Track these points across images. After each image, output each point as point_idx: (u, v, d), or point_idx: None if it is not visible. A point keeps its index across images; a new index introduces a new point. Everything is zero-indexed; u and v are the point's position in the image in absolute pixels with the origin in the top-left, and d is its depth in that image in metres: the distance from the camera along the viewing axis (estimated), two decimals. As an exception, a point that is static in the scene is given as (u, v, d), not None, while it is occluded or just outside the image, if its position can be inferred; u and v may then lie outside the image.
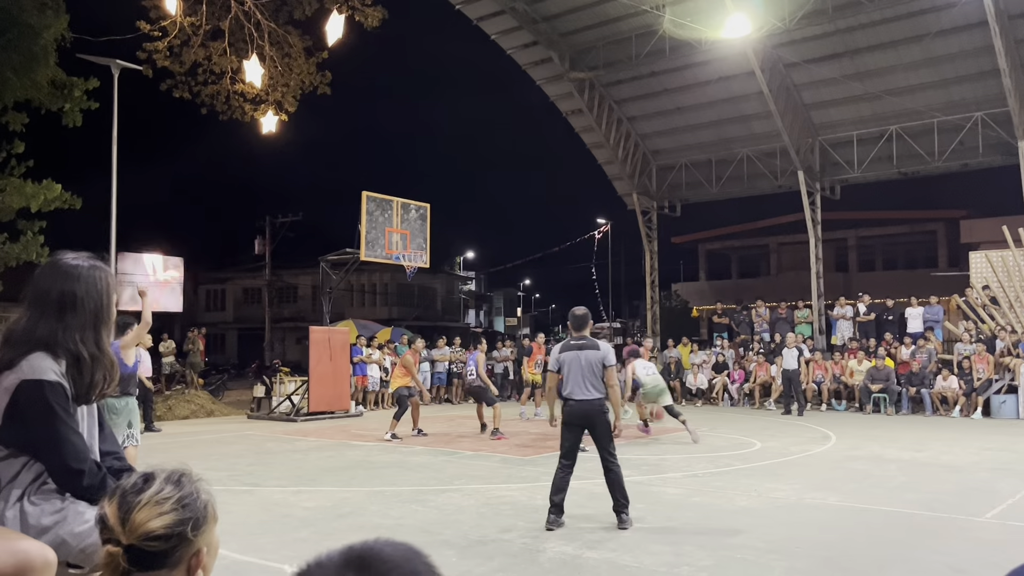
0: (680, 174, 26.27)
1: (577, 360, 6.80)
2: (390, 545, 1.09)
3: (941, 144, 21.68)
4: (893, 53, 20.97)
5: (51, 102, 15.00)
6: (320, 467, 10.11)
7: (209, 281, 50.49)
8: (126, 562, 1.51)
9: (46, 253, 15.41)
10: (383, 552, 1.07)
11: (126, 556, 1.50)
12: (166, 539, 1.51)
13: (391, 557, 1.06)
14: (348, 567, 1.05)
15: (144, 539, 1.49)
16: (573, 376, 6.79)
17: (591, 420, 6.77)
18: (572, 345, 6.92)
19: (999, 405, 16.23)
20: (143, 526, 1.49)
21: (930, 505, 7.43)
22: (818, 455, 10.98)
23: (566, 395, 6.84)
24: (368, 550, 1.07)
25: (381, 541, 1.10)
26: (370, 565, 1.05)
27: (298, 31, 16.05)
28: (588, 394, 6.74)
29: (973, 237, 28.58)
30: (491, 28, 23.14)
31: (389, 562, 1.06)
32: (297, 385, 17.97)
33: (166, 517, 1.50)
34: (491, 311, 66.45)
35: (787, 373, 17.27)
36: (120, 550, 1.50)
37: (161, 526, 1.50)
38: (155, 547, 1.50)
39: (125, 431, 7.74)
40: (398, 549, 1.08)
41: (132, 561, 1.51)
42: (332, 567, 1.06)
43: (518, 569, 5.40)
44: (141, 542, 1.50)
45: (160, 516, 1.50)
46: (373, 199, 17.72)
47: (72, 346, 2.49)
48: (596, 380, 6.78)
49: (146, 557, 1.51)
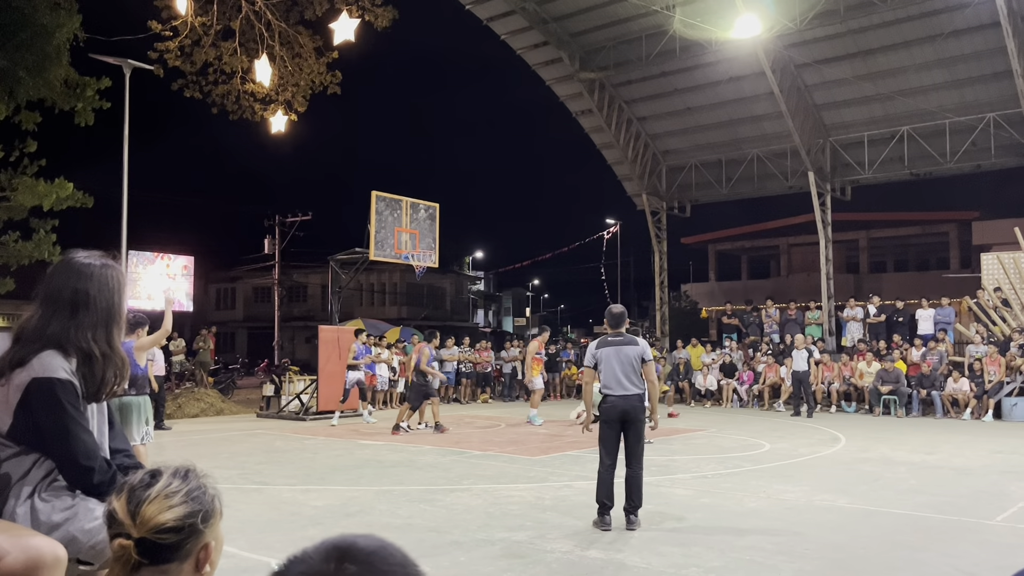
0: (690, 174, 26.22)
1: (616, 355, 6.85)
2: (362, 537, 1.12)
3: (953, 145, 21.57)
4: (905, 54, 20.87)
5: (64, 101, 15.06)
6: (329, 465, 10.14)
7: (219, 280, 50.69)
8: (137, 555, 1.53)
9: (58, 252, 15.49)
10: (358, 542, 1.10)
11: (137, 549, 1.52)
12: (177, 531, 1.53)
13: (367, 546, 1.10)
14: (329, 558, 1.08)
15: (156, 532, 1.52)
16: (612, 371, 6.82)
17: (629, 415, 6.78)
18: (610, 341, 6.99)
19: (1010, 408, 16.13)
20: (154, 519, 1.52)
21: (940, 508, 7.40)
22: (827, 457, 10.94)
23: (604, 391, 6.87)
24: (343, 540, 1.11)
25: (352, 534, 1.13)
26: (347, 552, 1.08)
27: (309, 31, 16.09)
28: (627, 389, 6.77)
29: (985, 239, 28.40)
30: (501, 29, 23.15)
31: (366, 549, 1.09)
32: (306, 384, 18.02)
33: (176, 510, 1.53)
34: (500, 311, 66.46)
35: (797, 375, 17.20)
36: (131, 543, 1.52)
37: (172, 518, 1.52)
38: (167, 539, 1.53)
39: (144, 428, 7.94)
40: (372, 540, 1.11)
41: (143, 554, 1.53)
42: (316, 558, 1.09)
43: (525, 569, 5.40)
44: (153, 535, 1.52)
45: (171, 509, 1.53)
46: (382, 199, 17.75)
47: (84, 344, 2.50)
48: (635, 375, 6.83)
49: (157, 550, 1.53)
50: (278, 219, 38.74)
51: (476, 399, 21.57)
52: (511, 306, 66.75)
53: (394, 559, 1.09)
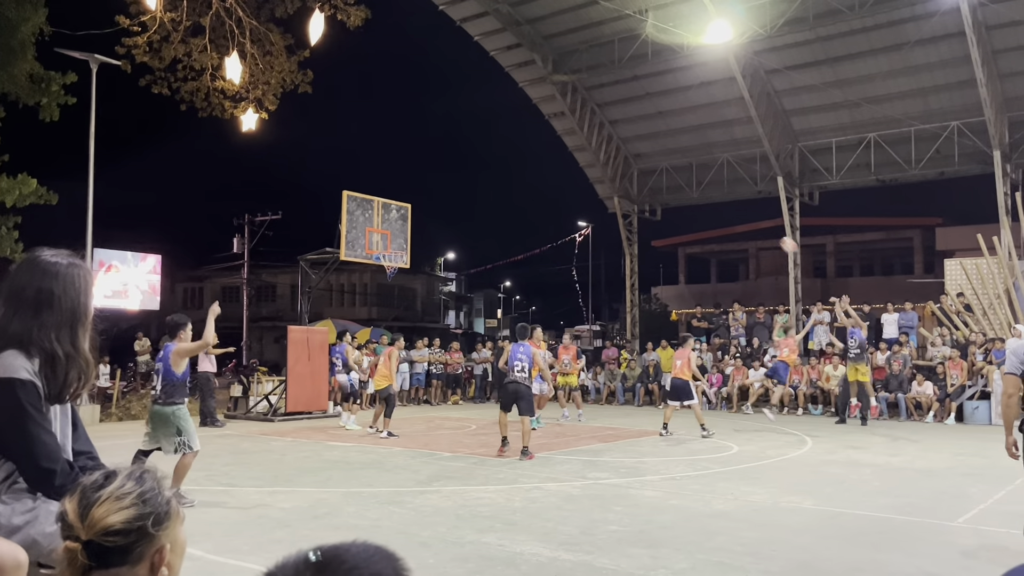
0: (661, 178, 26.39)
1: None
2: (357, 546, 1.10)
3: (918, 152, 21.93)
4: (872, 61, 21.18)
5: (28, 96, 14.81)
6: (297, 467, 10.06)
7: (187, 279, 50.06)
8: (85, 558, 1.49)
9: (20, 249, 15.21)
10: (346, 553, 1.09)
11: (85, 552, 1.49)
12: (125, 534, 1.49)
13: (353, 558, 1.08)
14: (307, 567, 1.07)
15: (103, 534, 1.48)
16: None
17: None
18: None
19: (972, 411, 16.42)
20: (102, 521, 1.48)
21: (903, 509, 7.51)
22: (794, 459, 11.06)
23: None
24: (331, 551, 1.09)
25: (350, 543, 1.11)
26: (327, 565, 1.06)
27: (280, 29, 15.99)
28: None
29: (948, 245, 28.95)
30: (474, 29, 23.14)
31: (349, 563, 1.07)
32: (275, 385, 17.86)
33: (125, 512, 1.49)
34: (471, 312, 66.41)
35: (841, 380, 16.66)
36: (79, 546, 1.49)
37: (120, 521, 1.48)
38: (114, 542, 1.48)
39: (175, 440, 7.48)
40: (366, 550, 1.09)
41: (92, 557, 1.49)
42: (292, 567, 1.08)
43: (495, 571, 5.40)
44: (100, 537, 1.48)
45: (119, 511, 1.49)
46: (354, 198, 17.64)
47: (47, 344, 2.46)
48: None
49: (106, 553, 1.49)
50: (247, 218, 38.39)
51: (447, 400, 21.52)
52: (483, 307, 66.73)
53: None
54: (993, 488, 8.58)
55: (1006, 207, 20.11)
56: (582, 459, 10.85)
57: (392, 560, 1.11)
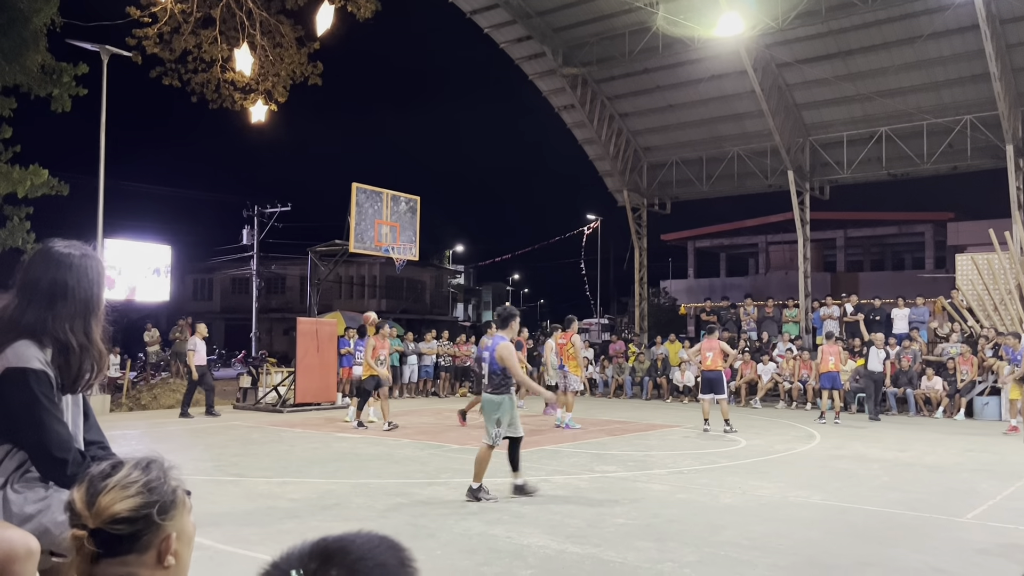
0: (671, 171, 26.32)
1: None
2: (362, 537, 1.10)
3: (930, 146, 21.80)
4: (885, 55, 21.05)
5: (40, 87, 14.87)
6: (306, 458, 10.10)
7: (197, 270, 50.25)
8: (93, 546, 1.51)
9: (32, 239, 15.31)
10: (352, 544, 1.09)
11: (92, 540, 1.50)
12: (131, 522, 1.50)
13: (358, 549, 1.08)
14: (312, 558, 1.07)
15: (109, 522, 1.49)
16: None
17: None
18: None
19: (982, 407, 16.36)
20: (108, 509, 1.49)
21: (912, 505, 7.49)
22: (802, 454, 11.05)
23: None
24: (337, 542, 1.09)
25: (355, 533, 1.11)
26: (333, 556, 1.07)
27: (290, 21, 15.99)
28: None
29: (960, 239, 28.78)
30: (485, 22, 23.12)
31: (355, 553, 1.07)
32: (284, 376, 17.93)
33: (131, 500, 1.50)
34: (480, 305, 66.42)
35: (872, 375, 16.18)
36: (86, 534, 1.51)
37: (126, 509, 1.50)
38: (120, 530, 1.50)
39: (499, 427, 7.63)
40: (370, 540, 1.10)
41: (99, 545, 1.51)
42: (297, 557, 1.08)
43: (502, 563, 5.41)
44: (107, 525, 1.50)
45: (125, 499, 1.50)
46: (363, 191, 17.67)
47: (61, 335, 2.48)
48: None
49: (113, 541, 1.51)
50: (257, 210, 38.49)
51: (455, 392, 21.57)
52: (491, 300, 66.74)
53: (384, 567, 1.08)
54: (1003, 484, 8.56)
55: (1019, 202, 19.99)
56: (590, 452, 10.86)
57: (397, 550, 1.12)
